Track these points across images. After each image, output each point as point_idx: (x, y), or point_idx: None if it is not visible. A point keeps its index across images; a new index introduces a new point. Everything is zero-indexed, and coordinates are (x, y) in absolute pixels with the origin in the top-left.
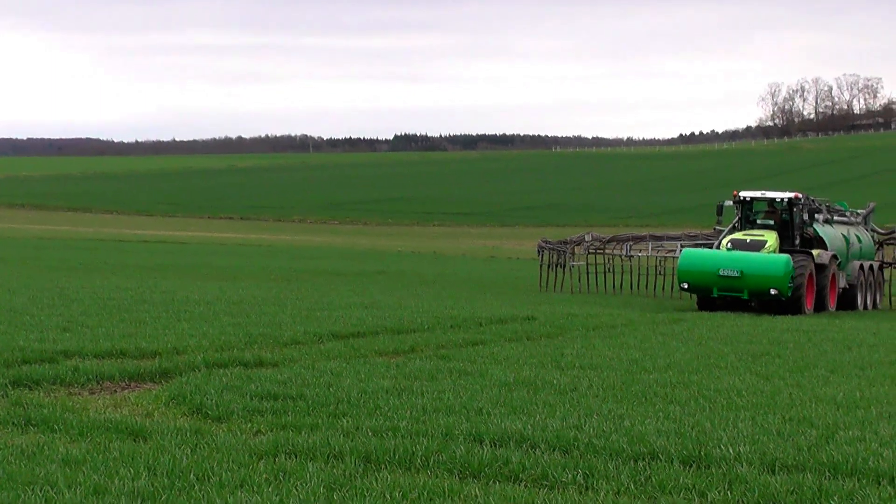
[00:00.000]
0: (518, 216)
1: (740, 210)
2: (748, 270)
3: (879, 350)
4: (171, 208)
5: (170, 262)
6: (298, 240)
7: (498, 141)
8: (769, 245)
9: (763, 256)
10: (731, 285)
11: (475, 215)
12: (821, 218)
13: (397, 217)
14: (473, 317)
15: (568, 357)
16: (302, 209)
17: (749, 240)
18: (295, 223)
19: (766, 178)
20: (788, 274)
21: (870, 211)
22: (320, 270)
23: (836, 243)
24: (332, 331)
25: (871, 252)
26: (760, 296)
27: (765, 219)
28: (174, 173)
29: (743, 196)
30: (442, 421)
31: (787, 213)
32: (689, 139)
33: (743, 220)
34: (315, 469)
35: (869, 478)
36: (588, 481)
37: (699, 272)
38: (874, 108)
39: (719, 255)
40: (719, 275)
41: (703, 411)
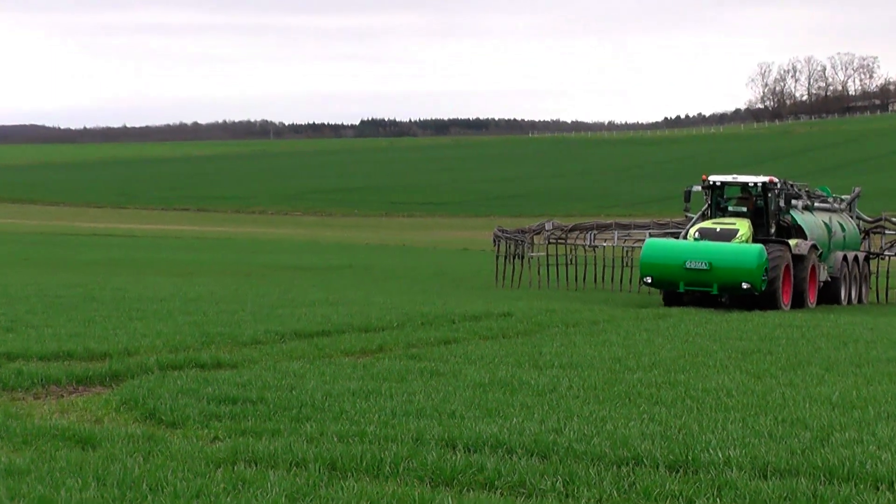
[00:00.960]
0: (493, 206)
1: (710, 196)
2: (717, 262)
3: (877, 346)
4: (122, 199)
5: (121, 256)
6: (259, 232)
7: (471, 126)
8: (741, 234)
9: (734, 247)
10: (699, 279)
11: (447, 205)
12: (800, 204)
13: (364, 207)
14: (446, 313)
15: (546, 356)
16: (262, 200)
17: (719, 228)
18: (255, 215)
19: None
20: (762, 266)
21: (855, 196)
22: (282, 265)
23: (817, 232)
24: (294, 329)
25: (856, 241)
26: (731, 290)
27: (737, 205)
28: (126, 162)
29: (713, 180)
30: (412, 425)
31: (762, 199)
32: (674, 123)
33: (713, 208)
34: (276, 478)
35: (866, 482)
36: (568, 488)
37: (664, 265)
38: (870, 90)
39: (686, 245)
40: (686, 267)
41: (690, 413)
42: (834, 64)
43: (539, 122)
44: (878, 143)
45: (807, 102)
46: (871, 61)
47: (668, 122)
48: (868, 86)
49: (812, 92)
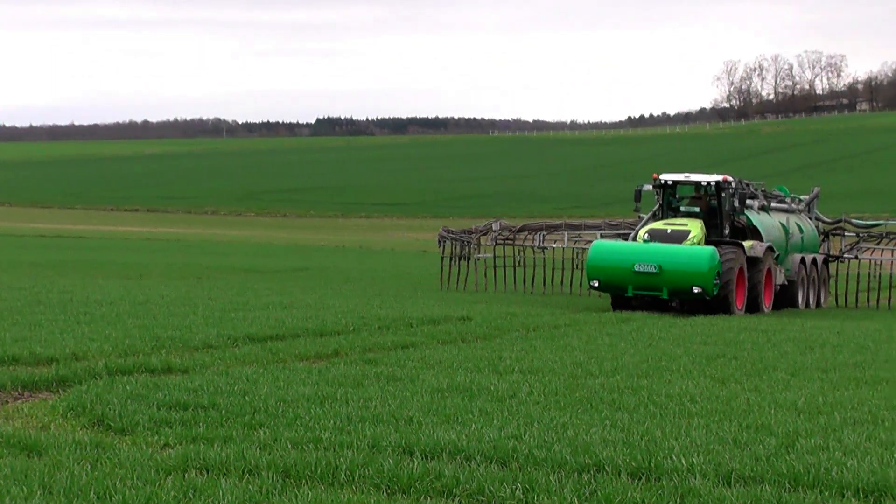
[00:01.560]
0: (452, 206)
1: (661, 196)
2: (667, 265)
3: (843, 351)
4: (70, 199)
5: (68, 258)
6: (211, 233)
7: (430, 124)
8: (693, 236)
9: (684, 249)
10: (649, 283)
11: (405, 206)
12: (755, 205)
13: (320, 208)
14: (403, 317)
15: (506, 360)
16: (215, 200)
17: (670, 230)
18: (207, 215)
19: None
20: (714, 269)
21: (814, 197)
22: (235, 267)
23: (774, 233)
24: (247, 333)
25: (814, 244)
26: (682, 294)
27: (689, 206)
28: (73, 161)
29: (664, 179)
30: (368, 431)
31: (715, 198)
32: (638, 122)
33: (664, 208)
34: (228, 485)
35: (832, 490)
36: (528, 496)
37: (611, 268)
38: (838, 89)
39: (634, 247)
40: (634, 271)
41: (653, 419)
42: (801, 62)
43: (499, 121)
44: (846, 143)
45: (773, 101)
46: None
47: (632, 121)
48: (836, 85)
49: (779, 91)
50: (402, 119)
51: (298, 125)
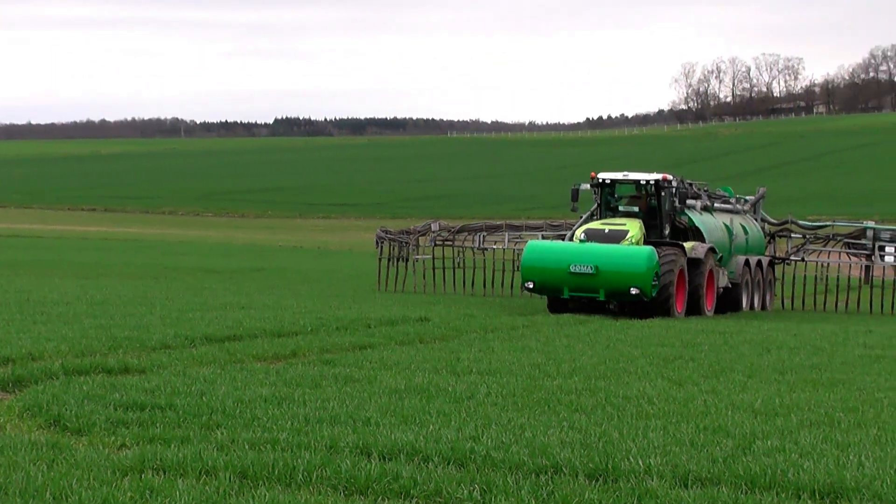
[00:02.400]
0: (411, 207)
1: (600, 195)
2: (604, 266)
3: (800, 353)
4: (26, 198)
5: (25, 258)
6: (169, 233)
7: (388, 125)
8: (631, 235)
9: (622, 249)
10: (585, 284)
11: (363, 206)
12: (698, 205)
13: (278, 208)
14: (361, 318)
15: (464, 362)
16: (173, 200)
17: (607, 230)
18: (165, 215)
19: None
20: (652, 269)
21: (759, 197)
22: (193, 267)
23: (717, 234)
24: (205, 334)
25: (760, 245)
26: (619, 296)
27: (629, 205)
28: (30, 160)
29: (602, 178)
30: (326, 432)
31: (655, 198)
32: (596, 124)
33: (603, 207)
34: (185, 486)
35: (788, 491)
36: (485, 497)
37: (547, 269)
38: (795, 91)
39: (570, 247)
40: (570, 272)
41: (610, 420)
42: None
43: (458, 122)
44: (803, 145)
45: (731, 104)
46: (795, 62)
47: (590, 122)
48: (793, 88)
49: (736, 93)
50: (361, 119)
51: (256, 125)
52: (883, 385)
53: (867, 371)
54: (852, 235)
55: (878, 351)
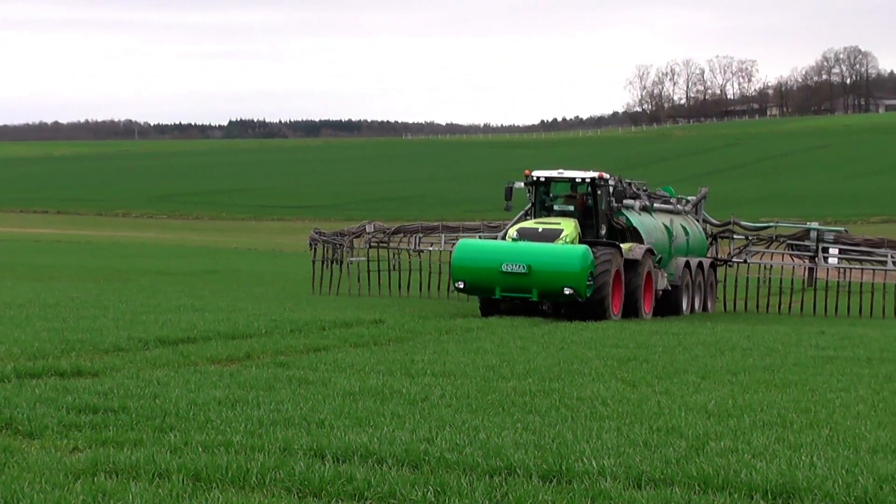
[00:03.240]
0: (366, 210)
1: (534, 193)
2: (537, 265)
3: (753, 354)
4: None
5: None
6: (122, 236)
7: (343, 127)
8: (565, 234)
9: (555, 248)
10: (517, 284)
11: (318, 208)
12: (636, 205)
13: (232, 211)
14: (315, 320)
15: (419, 364)
16: (126, 202)
17: (541, 228)
18: (118, 217)
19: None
20: (586, 269)
21: (701, 198)
22: (146, 270)
23: (656, 235)
24: (158, 336)
25: (701, 247)
26: (552, 296)
27: (564, 204)
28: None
29: (537, 176)
30: (280, 434)
31: (591, 197)
32: (551, 126)
33: (537, 206)
34: (138, 489)
35: (741, 492)
36: (439, 499)
37: (478, 268)
38: (749, 93)
39: (502, 246)
40: (502, 271)
41: (564, 422)
42: (713, 67)
43: (413, 124)
44: (757, 147)
45: (685, 106)
46: (749, 65)
47: (545, 124)
48: (747, 90)
49: (690, 95)
50: (316, 122)
51: (211, 127)
52: (835, 386)
53: (819, 372)
54: (796, 237)
55: (830, 352)
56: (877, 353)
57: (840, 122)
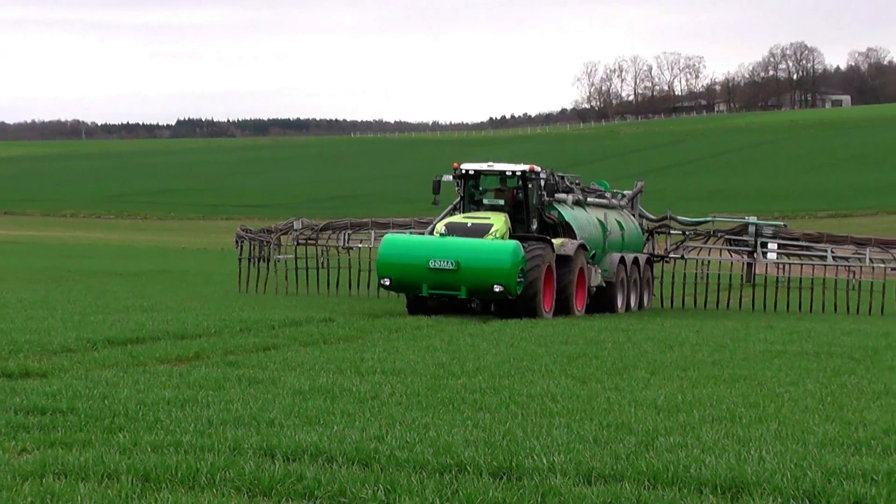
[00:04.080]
0: (315, 208)
1: (463, 187)
2: (466, 262)
3: (702, 349)
4: None
5: None
6: (70, 236)
7: (291, 126)
8: (495, 230)
9: (485, 243)
10: (445, 281)
11: (267, 207)
12: (569, 199)
13: (181, 210)
14: (265, 319)
15: (368, 362)
16: (74, 202)
17: (470, 223)
18: (66, 218)
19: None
20: (517, 266)
21: (637, 192)
22: (95, 270)
23: (589, 230)
24: (107, 337)
25: (637, 243)
26: (482, 294)
27: (494, 198)
28: None
29: (466, 169)
30: (229, 434)
31: (522, 190)
32: (499, 123)
33: (467, 200)
34: (87, 490)
35: (690, 487)
36: (389, 497)
37: (404, 264)
38: (696, 90)
39: (429, 242)
40: (430, 267)
41: (514, 419)
42: (660, 64)
43: (361, 123)
44: (704, 143)
45: (633, 102)
46: (696, 61)
47: (494, 122)
48: (694, 86)
49: (638, 92)
50: (264, 120)
51: (159, 127)
52: (783, 380)
53: (768, 366)
54: (734, 231)
55: (778, 346)
56: (825, 348)
57: (787, 118)
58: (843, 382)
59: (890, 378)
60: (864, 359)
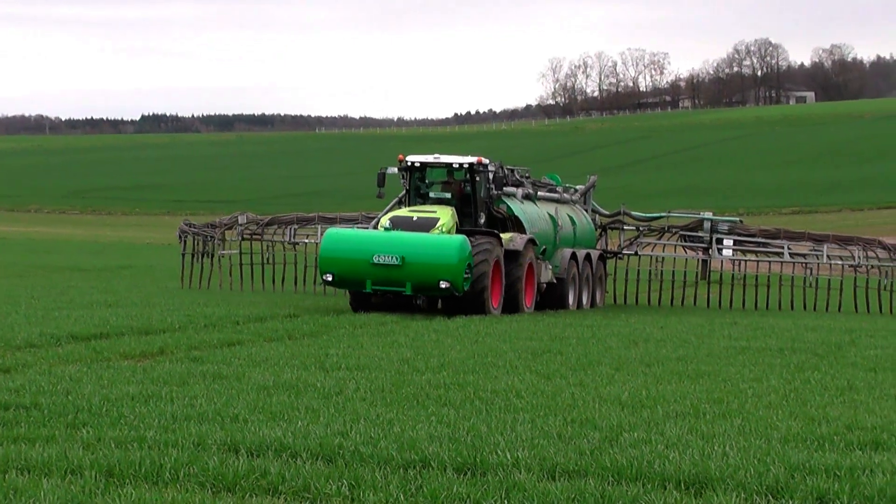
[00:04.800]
0: (280, 204)
1: (409, 180)
2: (411, 257)
3: (666, 345)
4: None
5: None
6: (34, 232)
7: (256, 122)
8: (442, 224)
9: (431, 238)
10: (390, 277)
11: (232, 203)
12: (519, 192)
13: (146, 206)
14: (229, 315)
15: (333, 357)
16: (38, 198)
17: (416, 217)
18: (30, 213)
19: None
20: (464, 261)
21: (590, 186)
22: (59, 266)
23: (540, 225)
24: (71, 332)
25: (590, 238)
26: (427, 290)
27: (441, 191)
28: None
29: (411, 161)
30: (193, 429)
31: (469, 183)
32: (464, 119)
33: (412, 193)
34: (51, 486)
35: (654, 482)
36: (354, 492)
37: (347, 259)
38: (661, 86)
39: (373, 236)
40: (373, 263)
41: (479, 414)
42: (625, 60)
43: (326, 118)
44: (669, 139)
45: (598, 98)
46: (661, 57)
47: (459, 117)
48: (659, 82)
49: (603, 88)
50: (229, 116)
51: (123, 122)
52: (747, 376)
53: (732, 363)
54: (688, 227)
55: (742, 343)
56: (788, 344)
57: (751, 114)
58: (806, 378)
59: (853, 374)
60: (827, 355)
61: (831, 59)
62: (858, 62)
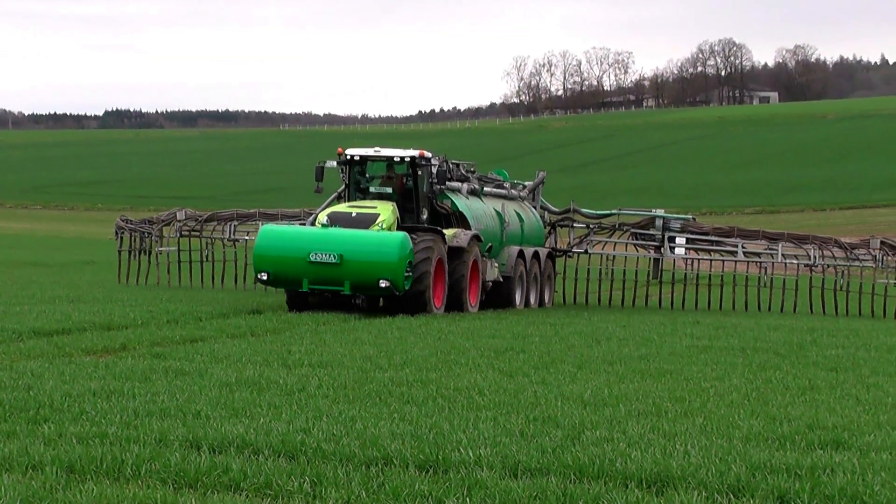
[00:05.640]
0: (244, 200)
1: (348, 174)
2: (349, 254)
3: (629, 344)
4: None
5: None
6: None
7: (220, 118)
8: (382, 220)
9: (370, 235)
10: (327, 275)
11: (196, 199)
12: (464, 188)
13: (109, 201)
14: (192, 311)
15: (296, 354)
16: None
17: (355, 213)
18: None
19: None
20: (405, 259)
21: (539, 182)
22: (20, 261)
23: (486, 221)
24: (33, 328)
25: (538, 236)
26: (367, 289)
27: (381, 186)
28: None
29: (351, 154)
30: (155, 426)
31: (411, 178)
32: (428, 117)
33: (352, 188)
34: (11, 482)
35: (616, 480)
36: (316, 489)
37: (283, 257)
38: (625, 85)
39: (310, 233)
40: (310, 261)
41: (441, 412)
42: (589, 59)
43: (290, 115)
44: (633, 138)
45: (562, 97)
46: (626, 56)
47: (423, 115)
48: (623, 81)
49: (567, 87)
50: (192, 112)
51: (86, 117)
52: (709, 375)
53: (694, 361)
54: (640, 225)
55: (704, 342)
56: (750, 343)
57: (715, 114)
58: (768, 378)
59: (814, 373)
60: (789, 354)
61: (795, 60)
62: (822, 63)
